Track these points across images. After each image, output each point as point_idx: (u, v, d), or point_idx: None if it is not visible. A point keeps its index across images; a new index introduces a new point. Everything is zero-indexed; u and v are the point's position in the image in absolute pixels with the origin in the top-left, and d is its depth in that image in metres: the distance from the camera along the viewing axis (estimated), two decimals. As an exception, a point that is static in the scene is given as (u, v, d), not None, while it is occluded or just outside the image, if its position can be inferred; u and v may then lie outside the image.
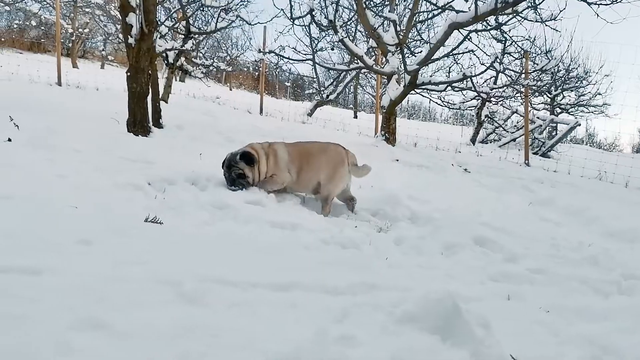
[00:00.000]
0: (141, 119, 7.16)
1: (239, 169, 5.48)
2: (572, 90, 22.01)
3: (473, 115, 18.71)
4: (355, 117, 23.14)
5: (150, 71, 7.50)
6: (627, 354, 2.18)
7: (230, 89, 27.98)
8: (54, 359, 1.45)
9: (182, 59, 12.79)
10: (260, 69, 15.32)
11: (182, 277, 2.28)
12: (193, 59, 13.96)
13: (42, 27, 27.64)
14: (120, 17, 7.21)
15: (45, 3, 24.72)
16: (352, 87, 25.67)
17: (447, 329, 1.74)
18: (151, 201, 4.69)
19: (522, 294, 3.21)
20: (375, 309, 1.88)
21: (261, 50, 12.17)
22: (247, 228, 4.35)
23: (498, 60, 11.16)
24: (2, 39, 23.36)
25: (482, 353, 1.75)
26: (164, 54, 11.82)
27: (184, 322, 1.75)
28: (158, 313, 1.86)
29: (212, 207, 4.77)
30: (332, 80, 18.34)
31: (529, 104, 18.91)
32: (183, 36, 11.01)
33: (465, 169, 10.42)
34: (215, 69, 16.22)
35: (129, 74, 7.09)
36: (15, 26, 27.44)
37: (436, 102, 14.25)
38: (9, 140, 5.73)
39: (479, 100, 16.18)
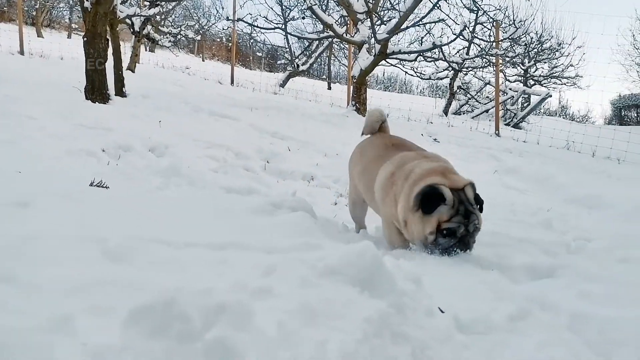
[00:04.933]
0: (99, 86, 6.98)
1: (477, 218, 3.01)
2: (545, 62, 22.10)
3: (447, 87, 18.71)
4: (329, 88, 22.96)
5: (110, 37, 7.29)
6: (559, 307, 2.19)
7: (203, 60, 27.46)
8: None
9: (149, 27, 12.47)
10: (232, 38, 15.03)
11: (110, 236, 2.21)
12: (160, 27, 13.62)
13: (6, -5, 26.72)
14: (77, -20, 6.97)
15: (8, -30, 23.83)
16: (326, 58, 25.42)
17: (368, 281, 1.71)
18: (103, 167, 4.59)
19: (468, 256, 3.20)
20: (302, 264, 1.84)
21: (229, 18, 11.91)
22: (201, 193, 4.28)
23: (468, 30, 11.10)
24: (-36, 8, 22.56)
25: (404, 304, 1.73)
26: (129, 22, 11.51)
27: (100, 277, 1.69)
28: (75, 269, 1.80)
29: (168, 173, 4.68)
30: (302, 50, 18.09)
31: (503, 75, 18.99)
32: (148, 3, 10.71)
33: (435, 139, 10.44)
34: (184, 38, 15.87)
35: (85, 39, 6.88)
36: (-23, -6, 26.48)
37: (406, 72, 14.18)
38: (-42, 106, 5.54)
39: (452, 72, 16.16)
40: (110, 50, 7.90)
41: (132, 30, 12.22)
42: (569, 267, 2.86)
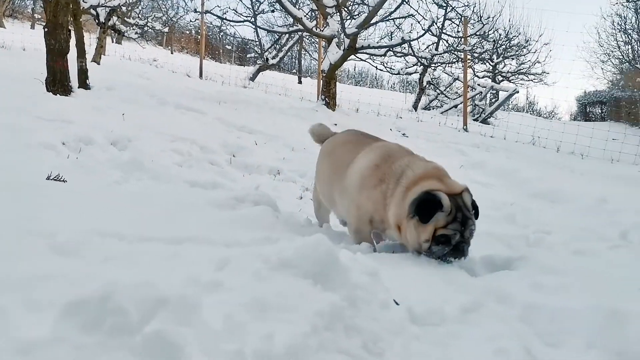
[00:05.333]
0: (61, 78, 6.81)
1: (473, 224, 2.87)
2: (513, 58, 22.46)
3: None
4: (300, 82, 22.85)
5: (73, 28, 7.12)
6: (513, 298, 2.22)
7: (172, 53, 27.02)
8: None
9: (115, 18, 12.21)
10: (201, 30, 14.84)
11: (61, 230, 2.15)
12: (126, 18, 13.35)
13: (-34, -16, 25.83)
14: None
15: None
16: (297, 52, 25.31)
17: (321, 274, 1.70)
18: (63, 160, 4.48)
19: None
20: (256, 258, 1.82)
21: (197, 10, 11.75)
22: (164, 187, 4.22)
23: (436, 25, 11.19)
24: None
25: (358, 297, 1.72)
26: (94, 12, 11.25)
27: (45, 272, 1.64)
28: (20, 263, 1.74)
29: (130, 166, 4.60)
30: (272, 44, 17.94)
31: (472, 71, 19.21)
32: (114, -6, 10.50)
33: (404, 134, 10.50)
34: (151, 30, 15.59)
35: (46, 29, 6.70)
36: None
37: (376, 67, 14.24)
38: None
39: (421, 67, 16.28)
40: (73, 42, 7.72)
41: (97, 21, 11.95)
42: (526, 260, 2.89)
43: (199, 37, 17.54)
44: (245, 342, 1.26)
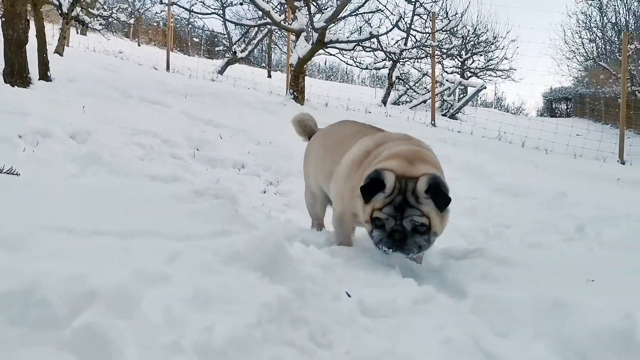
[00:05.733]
0: (19, 69, 6.63)
1: (421, 215, 2.46)
2: (481, 55, 22.75)
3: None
4: (269, 76, 22.73)
5: (33, 18, 6.93)
6: (466, 290, 2.24)
7: (139, 45, 26.53)
8: None
9: (78, 9, 11.92)
10: (168, 22, 14.61)
11: (7, 223, 2.09)
12: (90, 9, 13.05)
13: None
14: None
15: None
16: (267, 45, 25.15)
17: (270, 266, 1.69)
18: (18, 154, 4.36)
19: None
20: (207, 251, 1.80)
21: (163, 1, 11.56)
22: (122, 181, 4.13)
23: (404, 21, 11.26)
24: None
25: (307, 289, 1.72)
26: (57, 2, 10.96)
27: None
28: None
29: (88, 160, 4.49)
30: (240, 37, 17.79)
31: (441, 66, 19.40)
32: (77, -17, 10.24)
33: (372, 128, 10.54)
34: (116, 21, 15.28)
35: (3, 19, 6.51)
36: None
37: (345, 62, 14.27)
38: None
39: (390, 62, 16.36)
40: (33, 32, 7.52)
41: (59, 11, 11.64)
42: (482, 252, 2.92)
43: (167, 29, 17.24)
44: (183, 334, 1.24)
